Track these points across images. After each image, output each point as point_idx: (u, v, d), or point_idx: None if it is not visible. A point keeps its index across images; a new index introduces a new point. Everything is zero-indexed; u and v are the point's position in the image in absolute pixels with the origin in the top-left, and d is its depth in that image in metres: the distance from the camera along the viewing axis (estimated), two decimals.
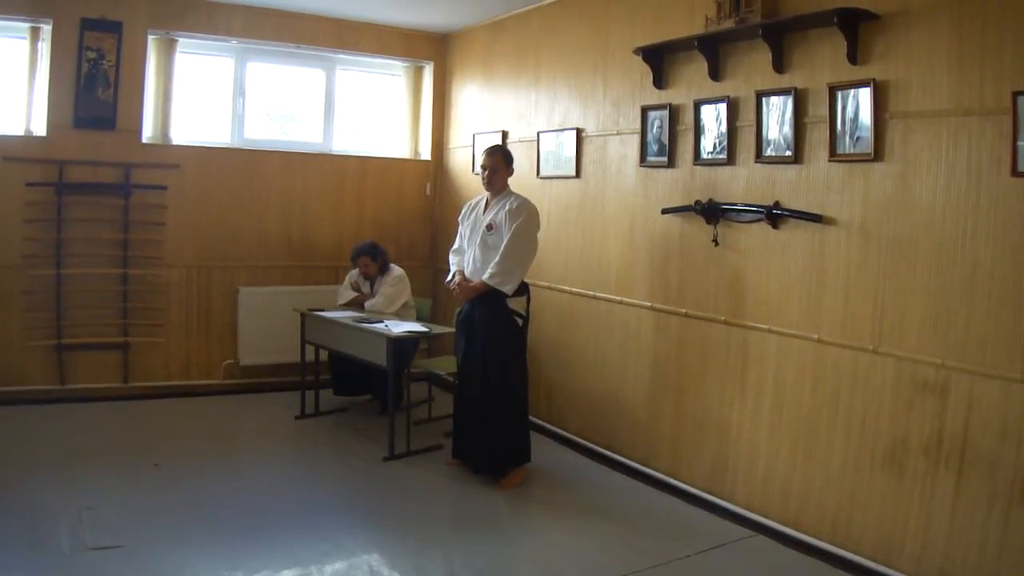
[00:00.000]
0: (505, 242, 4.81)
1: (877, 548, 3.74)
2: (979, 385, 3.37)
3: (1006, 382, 3.28)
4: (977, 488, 3.36)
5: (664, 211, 4.91)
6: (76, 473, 4.74)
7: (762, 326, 4.35)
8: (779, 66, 4.20)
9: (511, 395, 4.89)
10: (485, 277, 4.83)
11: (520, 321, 4.92)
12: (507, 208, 4.89)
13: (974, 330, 3.39)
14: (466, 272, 5.07)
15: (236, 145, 6.88)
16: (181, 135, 6.61)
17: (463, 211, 5.28)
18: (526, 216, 4.86)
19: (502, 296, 4.82)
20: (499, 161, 5.01)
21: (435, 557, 4.01)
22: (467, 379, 5.03)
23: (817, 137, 4.03)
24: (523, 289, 4.94)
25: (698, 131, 4.68)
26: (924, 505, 3.55)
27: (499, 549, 4.13)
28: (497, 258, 4.81)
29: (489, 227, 4.92)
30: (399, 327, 5.40)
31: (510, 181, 5.10)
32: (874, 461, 3.77)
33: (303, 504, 4.54)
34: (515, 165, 5.09)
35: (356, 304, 6.23)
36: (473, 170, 6.72)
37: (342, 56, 7.23)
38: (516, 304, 4.88)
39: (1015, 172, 3.23)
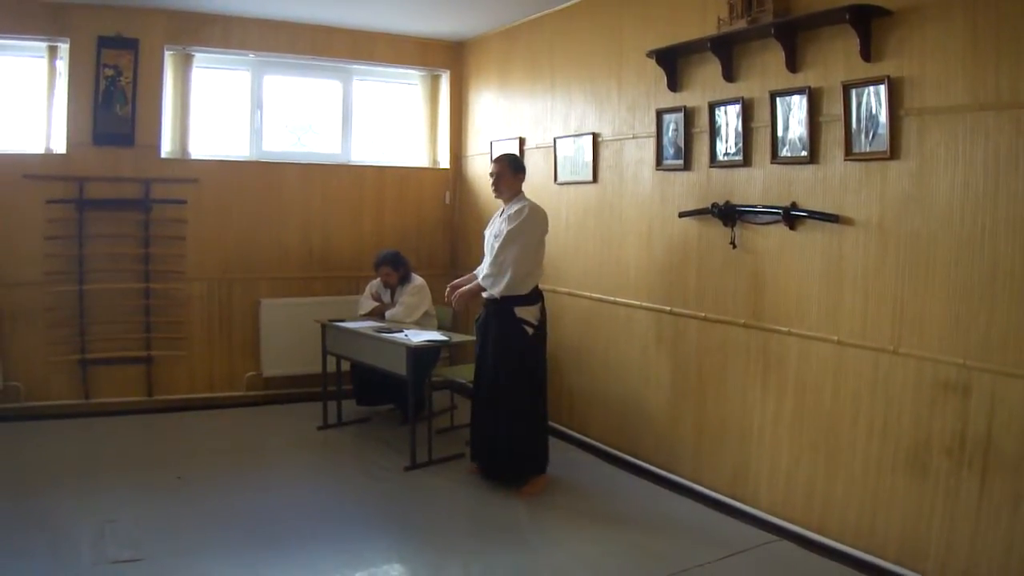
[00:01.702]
0: (498, 244, 4.81)
1: (902, 551, 3.68)
2: (1001, 385, 3.30)
3: None
4: (1002, 489, 3.30)
5: (681, 214, 4.87)
6: (99, 486, 4.79)
7: (782, 328, 4.30)
8: (792, 65, 4.15)
9: (521, 404, 4.86)
10: (480, 278, 4.84)
11: (530, 330, 4.85)
12: (508, 214, 4.89)
13: (995, 329, 3.33)
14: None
15: (254, 158, 6.92)
16: (199, 149, 6.66)
17: (488, 224, 5.26)
18: (524, 218, 4.81)
19: (511, 304, 4.80)
20: (504, 167, 4.98)
21: (455, 567, 4.01)
22: (480, 386, 5.04)
23: (832, 136, 3.98)
24: (535, 298, 4.90)
25: (713, 133, 4.65)
26: (948, 507, 3.49)
27: (520, 558, 4.10)
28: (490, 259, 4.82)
29: (498, 235, 4.90)
30: (419, 336, 5.39)
31: (528, 187, 5.09)
32: (897, 463, 3.72)
33: (324, 515, 4.54)
34: (532, 171, 5.06)
35: (377, 314, 6.23)
36: None
37: (358, 66, 7.26)
38: (525, 313, 4.83)
39: None
